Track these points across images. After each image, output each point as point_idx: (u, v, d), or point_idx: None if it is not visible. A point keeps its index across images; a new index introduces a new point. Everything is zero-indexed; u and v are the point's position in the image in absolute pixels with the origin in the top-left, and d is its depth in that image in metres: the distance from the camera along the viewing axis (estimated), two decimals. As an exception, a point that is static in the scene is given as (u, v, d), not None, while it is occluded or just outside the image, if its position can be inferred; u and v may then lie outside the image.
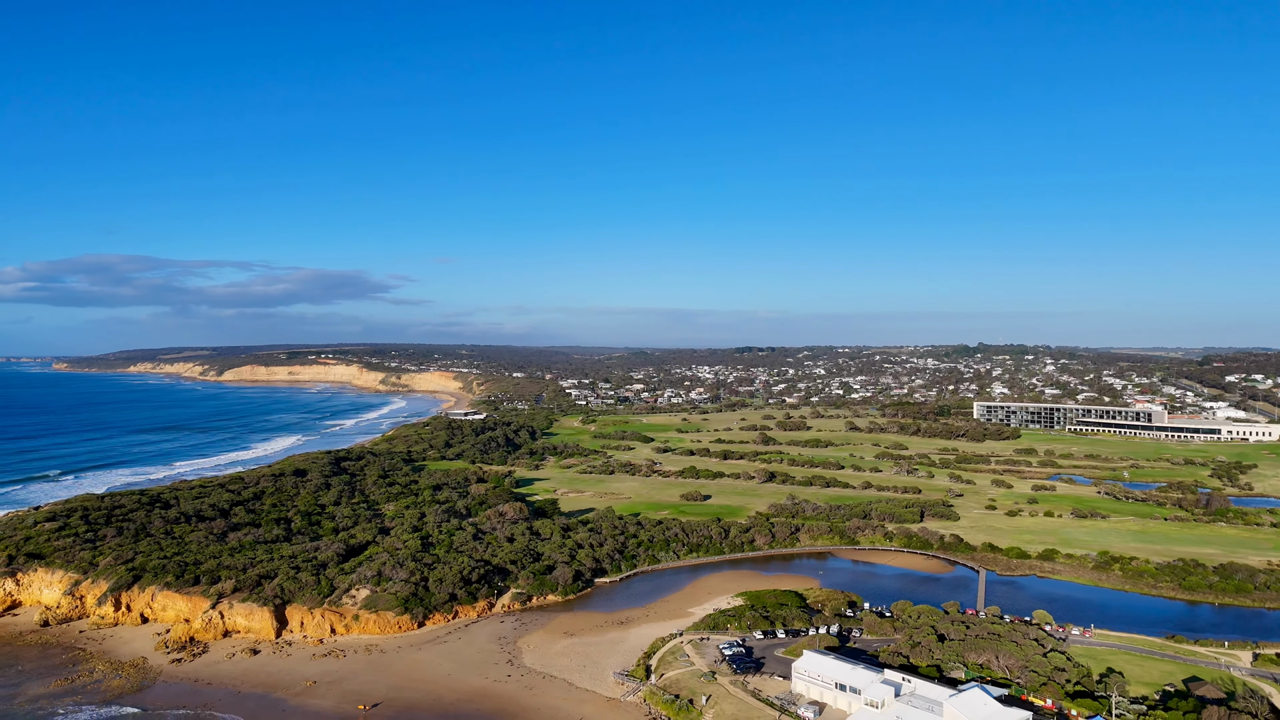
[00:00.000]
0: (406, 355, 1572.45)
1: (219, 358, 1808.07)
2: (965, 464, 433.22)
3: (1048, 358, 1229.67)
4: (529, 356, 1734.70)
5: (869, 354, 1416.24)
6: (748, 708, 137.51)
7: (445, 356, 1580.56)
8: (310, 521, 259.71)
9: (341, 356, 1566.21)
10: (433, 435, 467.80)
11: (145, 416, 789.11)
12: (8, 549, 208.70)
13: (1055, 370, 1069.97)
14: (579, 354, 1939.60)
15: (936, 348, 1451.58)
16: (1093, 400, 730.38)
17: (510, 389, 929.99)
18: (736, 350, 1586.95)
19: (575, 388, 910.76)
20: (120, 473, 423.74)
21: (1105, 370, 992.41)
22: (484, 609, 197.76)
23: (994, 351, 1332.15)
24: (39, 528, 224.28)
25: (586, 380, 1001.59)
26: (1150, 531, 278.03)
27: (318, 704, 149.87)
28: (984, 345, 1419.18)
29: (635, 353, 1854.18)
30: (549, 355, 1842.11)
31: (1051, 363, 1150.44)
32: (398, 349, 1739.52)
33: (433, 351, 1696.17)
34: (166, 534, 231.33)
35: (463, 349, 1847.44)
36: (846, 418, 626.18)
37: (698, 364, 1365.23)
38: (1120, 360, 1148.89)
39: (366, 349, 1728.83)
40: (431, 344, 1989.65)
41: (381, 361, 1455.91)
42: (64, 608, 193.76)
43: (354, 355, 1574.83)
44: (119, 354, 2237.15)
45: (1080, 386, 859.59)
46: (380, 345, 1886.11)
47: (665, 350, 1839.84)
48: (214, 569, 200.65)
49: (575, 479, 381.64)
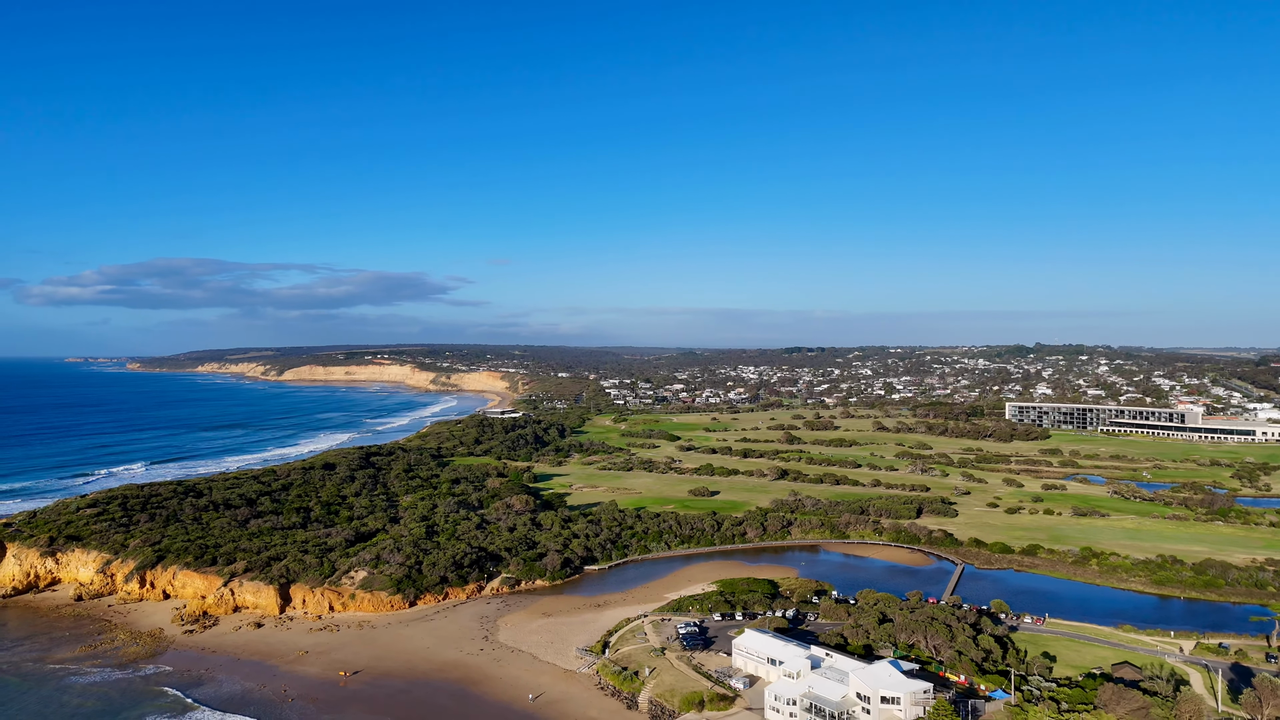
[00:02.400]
0: (460, 356, 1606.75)
1: (281, 358, 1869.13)
2: (984, 463, 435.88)
3: (1102, 358, 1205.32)
4: (579, 357, 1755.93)
5: (921, 354, 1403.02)
6: (685, 678, 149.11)
7: (497, 357, 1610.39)
8: (329, 511, 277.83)
9: (396, 357, 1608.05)
10: (464, 432, 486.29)
11: (204, 414, 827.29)
12: (50, 531, 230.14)
13: (1107, 371, 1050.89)
14: (630, 354, 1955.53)
15: (991, 348, 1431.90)
16: (1135, 401, 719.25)
17: (553, 388, 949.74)
18: (785, 351, 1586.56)
19: (615, 387, 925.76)
20: (170, 467, 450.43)
21: (1157, 371, 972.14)
22: (473, 591, 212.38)
23: (1048, 352, 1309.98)
24: (80, 513, 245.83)
25: (627, 380, 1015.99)
26: (1144, 530, 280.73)
27: (305, 670, 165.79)
28: (1041, 345, 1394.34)
29: (685, 353, 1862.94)
30: (600, 355, 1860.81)
31: (1106, 363, 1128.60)
32: (452, 349, 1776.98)
33: (485, 352, 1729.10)
34: (194, 520, 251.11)
35: (516, 349, 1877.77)
36: (876, 418, 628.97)
37: (744, 364, 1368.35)
38: (1180, 360, 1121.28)
39: (421, 349, 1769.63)
40: (486, 344, 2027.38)
41: (434, 362, 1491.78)
42: (96, 584, 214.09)
43: (408, 356, 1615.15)
44: (188, 354, 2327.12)
45: (1126, 388, 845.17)
46: (435, 346, 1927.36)
47: (714, 350, 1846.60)
48: (230, 551, 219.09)
49: (594, 475, 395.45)
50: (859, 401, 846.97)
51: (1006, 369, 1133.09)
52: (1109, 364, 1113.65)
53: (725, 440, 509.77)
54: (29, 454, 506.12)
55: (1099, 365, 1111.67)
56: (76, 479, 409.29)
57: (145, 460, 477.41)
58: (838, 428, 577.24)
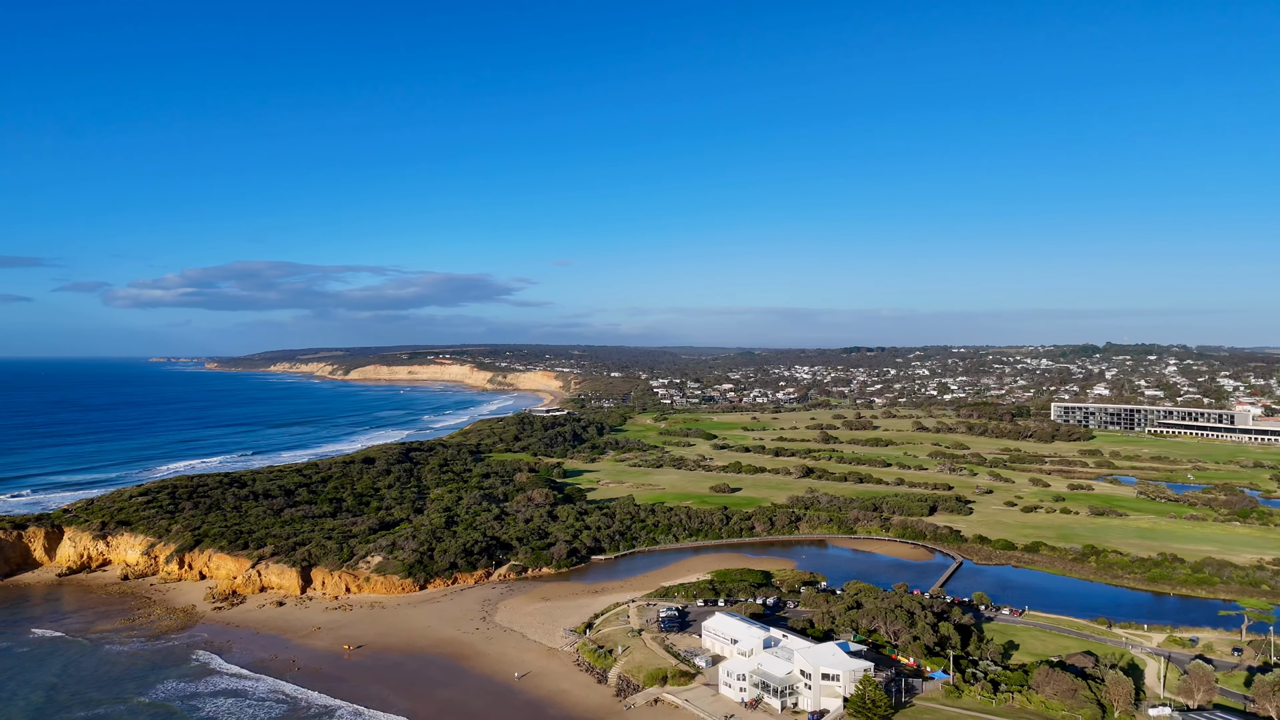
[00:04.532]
0: (519, 356, 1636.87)
1: (349, 358, 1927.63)
2: (1017, 463, 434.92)
3: (1172, 358, 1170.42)
4: (637, 356, 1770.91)
5: (983, 354, 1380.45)
6: (654, 657, 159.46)
7: (556, 357, 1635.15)
8: (360, 501, 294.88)
9: (457, 357, 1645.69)
10: (504, 430, 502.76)
11: (270, 412, 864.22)
12: (103, 517, 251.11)
13: (1175, 371, 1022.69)
14: (688, 354, 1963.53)
15: (1058, 347, 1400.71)
16: (1193, 402, 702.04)
17: (602, 388, 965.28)
18: (844, 350, 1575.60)
19: (663, 387, 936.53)
20: (225, 458, 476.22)
21: (1223, 372, 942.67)
22: (481, 577, 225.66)
23: (1116, 352, 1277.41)
24: (131, 501, 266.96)
25: (677, 380, 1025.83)
26: (1158, 529, 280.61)
27: (315, 644, 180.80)
28: (1111, 345, 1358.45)
29: (743, 353, 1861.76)
30: (657, 355, 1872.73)
31: (1175, 363, 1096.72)
32: (512, 349, 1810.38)
33: (544, 352, 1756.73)
34: (234, 508, 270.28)
35: (575, 349, 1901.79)
36: (917, 418, 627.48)
37: (799, 364, 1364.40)
38: (1255, 361, 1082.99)
39: (482, 350, 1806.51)
40: (545, 345, 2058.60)
41: (493, 361, 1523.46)
42: (141, 565, 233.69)
43: (469, 356, 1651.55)
44: (262, 354, 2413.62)
45: (1187, 389, 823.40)
46: (497, 346, 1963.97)
47: (773, 350, 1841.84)
48: (261, 537, 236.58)
49: (623, 471, 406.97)
50: (908, 402, 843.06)
51: (1069, 369, 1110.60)
52: (1178, 364, 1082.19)
53: (761, 439, 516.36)
54: (105, 449, 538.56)
55: (1167, 365, 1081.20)
56: (144, 471, 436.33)
57: (207, 456, 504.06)
58: (876, 428, 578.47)
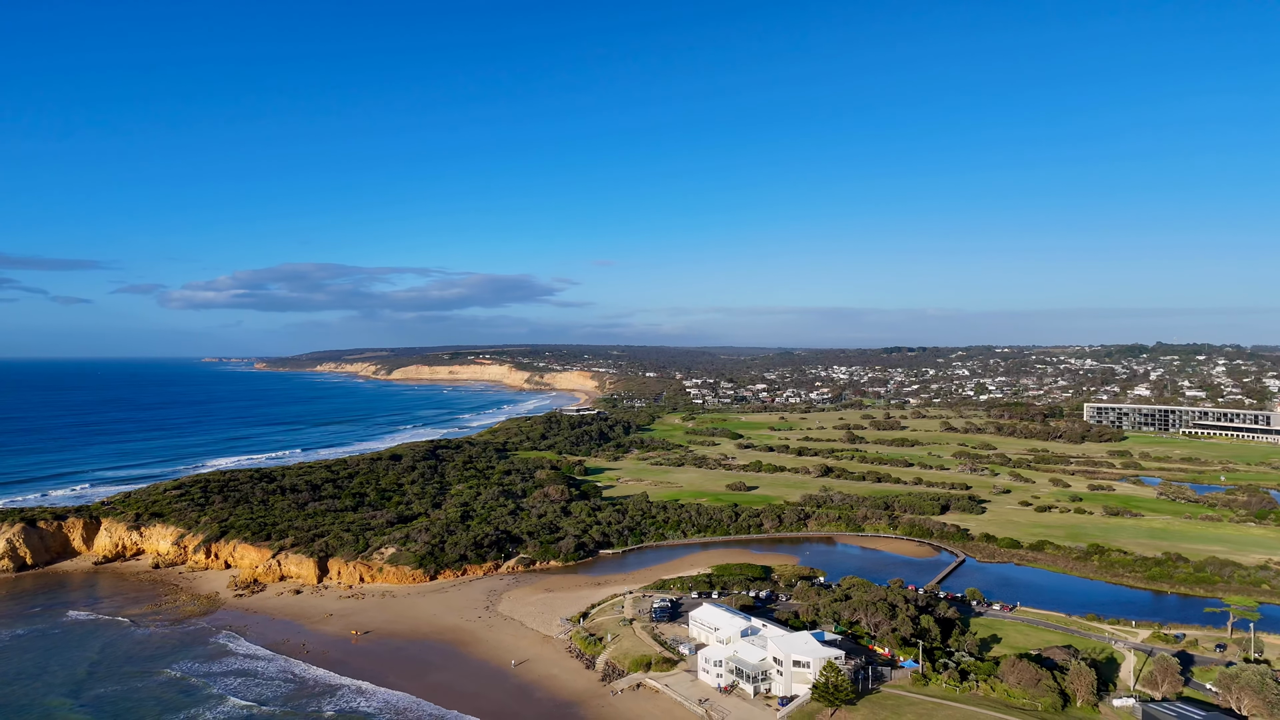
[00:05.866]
0: (558, 356, 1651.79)
1: (392, 358, 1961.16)
2: (1042, 464, 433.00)
3: (1221, 358, 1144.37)
4: (675, 357, 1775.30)
5: (1027, 354, 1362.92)
6: (641, 644, 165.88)
7: (595, 357, 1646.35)
8: (383, 496, 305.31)
9: (497, 357, 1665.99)
10: (532, 428, 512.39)
11: (312, 411, 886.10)
12: (137, 509, 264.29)
13: (1223, 371, 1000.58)
14: (727, 354, 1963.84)
15: (1105, 347, 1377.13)
16: (1235, 403, 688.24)
17: (636, 387, 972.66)
18: (884, 351, 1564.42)
19: (696, 387, 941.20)
20: (260, 455, 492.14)
21: (1271, 372, 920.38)
22: (490, 569, 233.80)
23: (1165, 351, 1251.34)
24: (165, 494, 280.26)
25: (710, 380, 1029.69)
26: (1170, 529, 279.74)
27: (326, 629, 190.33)
28: (1161, 344, 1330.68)
29: (783, 353, 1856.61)
30: (696, 356, 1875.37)
31: (1224, 363, 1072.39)
32: (552, 349, 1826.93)
33: (583, 352, 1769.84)
34: (261, 502, 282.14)
35: (614, 349, 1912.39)
36: (947, 418, 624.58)
37: (838, 364, 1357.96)
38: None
39: (522, 350, 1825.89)
40: (585, 345, 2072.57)
41: (531, 361, 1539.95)
42: (171, 554, 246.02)
43: (508, 356, 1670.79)
44: (309, 354, 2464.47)
45: (1231, 389, 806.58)
46: (537, 346, 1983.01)
47: (813, 350, 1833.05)
48: (284, 529, 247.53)
49: (644, 469, 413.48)
50: (942, 402, 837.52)
51: (1113, 369, 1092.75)
52: (1227, 364, 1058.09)
53: (786, 439, 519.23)
54: (157, 446, 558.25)
55: (1216, 365, 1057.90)
56: (191, 467, 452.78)
57: (253, 453, 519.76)
58: (904, 428, 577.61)
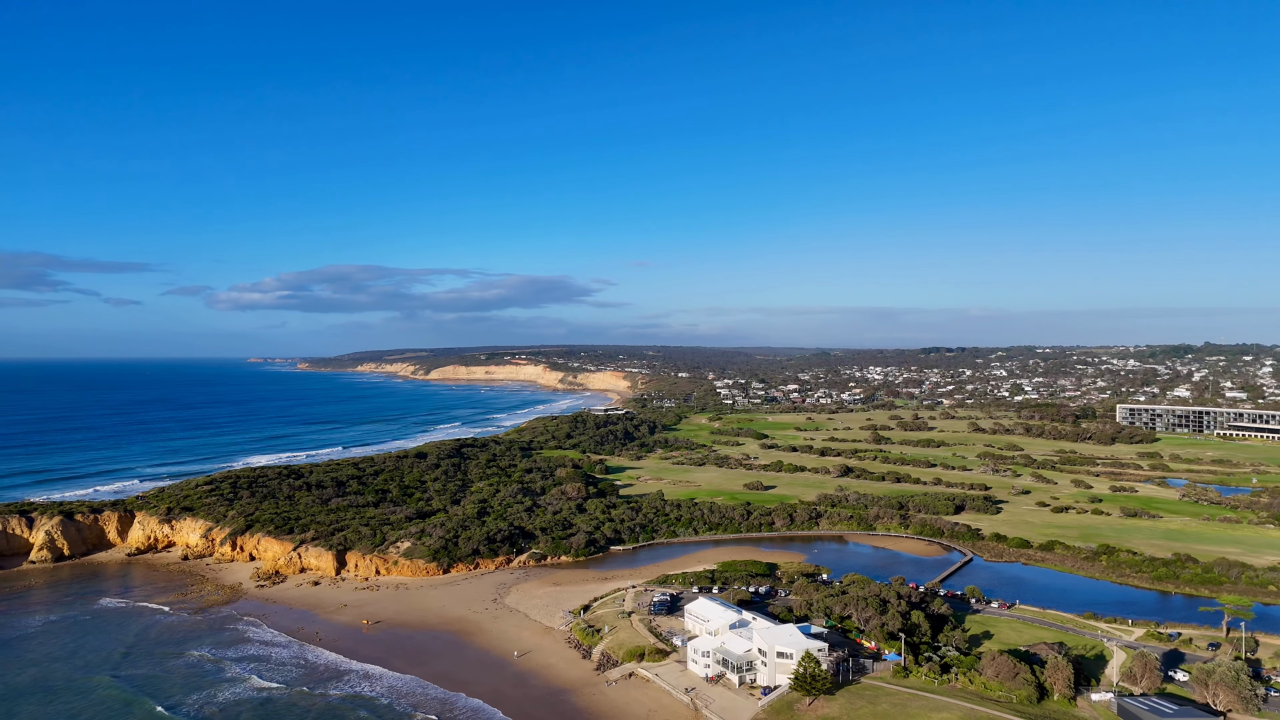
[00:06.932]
0: (593, 356, 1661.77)
1: (431, 359, 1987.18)
2: (1067, 465, 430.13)
3: (1269, 358, 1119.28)
4: (710, 357, 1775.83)
5: (1068, 355, 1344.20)
6: (637, 635, 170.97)
7: (629, 358, 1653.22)
8: (405, 493, 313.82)
9: (532, 358, 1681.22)
10: (558, 427, 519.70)
11: (351, 410, 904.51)
12: (169, 503, 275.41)
13: (1270, 372, 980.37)
14: (763, 355, 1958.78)
15: (1150, 347, 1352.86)
16: (1275, 405, 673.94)
17: (667, 388, 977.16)
18: (922, 351, 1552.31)
19: (727, 387, 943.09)
20: (301, 453, 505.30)
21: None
22: (502, 563, 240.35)
23: (1212, 351, 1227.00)
24: (197, 489, 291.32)
25: (741, 380, 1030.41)
26: (1186, 531, 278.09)
27: (339, 619, 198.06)
28: (1209, 344, 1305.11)
29: (819, 353, 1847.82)
30: (731, 356, 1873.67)
31: (1272, 364, 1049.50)
32: (587, 350, 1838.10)
33: (618, 353, 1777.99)
34: (287, 497, 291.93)
35: (649, 350, 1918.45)
36: (975, 419, 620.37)
37: (874, 365, 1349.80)
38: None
39: (557, 350, 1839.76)
40: (621, 345, 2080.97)
41: (565, 362, 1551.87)
42: (199, 547, 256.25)
43: (543, 356, 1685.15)
44: (350, 355, 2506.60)
45: (1275, 391, 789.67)
46: (572, 347, 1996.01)
47: (850, 350, 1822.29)
48: (306, 523, 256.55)
49: (665, 469, 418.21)
50: (975, 403, 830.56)
51: (1156, 370, 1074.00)
52: (1275, 364, 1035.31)
53: (811, 440, 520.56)
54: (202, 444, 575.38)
55: (1263, 366, 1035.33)
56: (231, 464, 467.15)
57: (294, 450, 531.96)
58: (931, 429, 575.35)
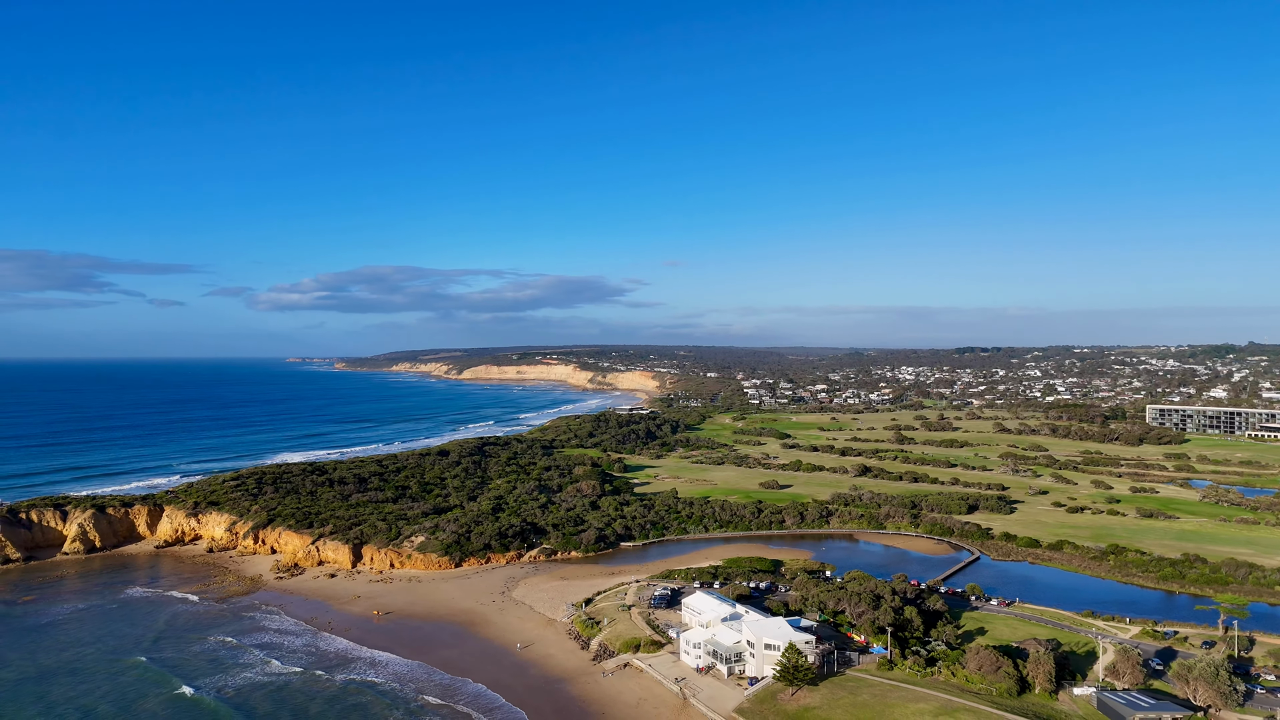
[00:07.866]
0: (623, 356, 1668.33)
1: (464, 359, 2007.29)
2: (1090, 465, 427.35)
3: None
4: (741, 357, 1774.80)
5: (1107, 354, 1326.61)
6: (634, 627, 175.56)
7: (660, 358, 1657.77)
8: (424, 489, 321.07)
9: (563, 358, 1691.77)
10: (580, 426, 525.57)
11: (384, 409, 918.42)
12: (196, 498, 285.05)
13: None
14: (795, 355, 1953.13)
15: (1192, 347, 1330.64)
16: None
17: (694, 388, 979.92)
18: (957, 351, 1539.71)
19: (754, 387, 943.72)
20: (328, 450, 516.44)
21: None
22: (513, 557, 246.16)
23: (1255, 351, 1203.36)
24: (223, 484, 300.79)
25: (769, 380, 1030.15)
26: (1201, 532, 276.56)
27: (351, 609, 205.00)
28: (1253, 344, 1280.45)
29: (852, 353, 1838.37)
30: (763, 356, 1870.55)
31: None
32: (618, 350, 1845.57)
33: (649, 353, 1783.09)
34: (309, 493, 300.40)
35: (680, 350, 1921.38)
36: (1001, 420, 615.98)
37: (906, 365, 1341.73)
38: None
39: (589, 350, 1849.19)
40: (652, 345, 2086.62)
41: (595, 362, 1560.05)
42: (223, 540, 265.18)
43: (574, 356, 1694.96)
44: (386, 355, 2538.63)
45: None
46: (604, 347, 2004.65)
47: (883, 350, 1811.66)
48: (325, 517, 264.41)
49: (684, 468, 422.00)
50: (1005, 404, 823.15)
51: (1195, 370, 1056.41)
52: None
53: (833, 440, 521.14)
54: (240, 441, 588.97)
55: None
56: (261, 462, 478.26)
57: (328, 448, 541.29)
58: (955, 429, 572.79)
